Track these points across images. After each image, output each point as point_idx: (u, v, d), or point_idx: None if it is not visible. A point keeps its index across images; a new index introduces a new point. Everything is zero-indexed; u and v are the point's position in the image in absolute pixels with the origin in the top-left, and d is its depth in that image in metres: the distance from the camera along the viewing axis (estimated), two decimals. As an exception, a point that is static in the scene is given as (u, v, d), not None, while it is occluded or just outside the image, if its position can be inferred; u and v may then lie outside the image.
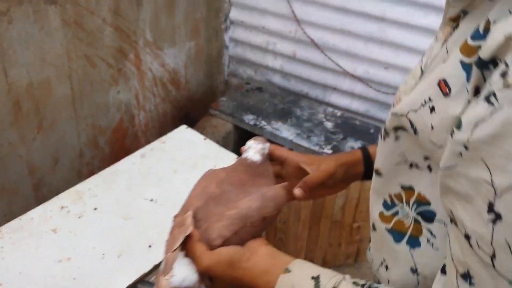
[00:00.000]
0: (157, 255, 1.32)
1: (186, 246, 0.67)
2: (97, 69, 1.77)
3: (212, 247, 0.67)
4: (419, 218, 0.61)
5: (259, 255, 0.67)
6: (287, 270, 0.64)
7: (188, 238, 0.66)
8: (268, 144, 0.79)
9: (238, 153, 1.98)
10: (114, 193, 1.45)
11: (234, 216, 0.68)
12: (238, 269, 0.65)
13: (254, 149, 0.77)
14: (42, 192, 1.74)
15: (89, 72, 1.74)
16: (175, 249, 0.66)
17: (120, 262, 1.26)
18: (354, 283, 0.60)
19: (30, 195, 1.71)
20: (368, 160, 0.85)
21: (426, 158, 0.58)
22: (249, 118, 2.21)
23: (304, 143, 2.18)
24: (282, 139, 2.23)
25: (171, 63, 2.14)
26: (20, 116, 1.55)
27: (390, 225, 0.65)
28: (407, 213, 0.63)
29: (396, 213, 0.64)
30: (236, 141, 2.32)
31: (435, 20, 1.95)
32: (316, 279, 0.61)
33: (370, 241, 0.76)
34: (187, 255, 0.67)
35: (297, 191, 0.82)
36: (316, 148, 2.16)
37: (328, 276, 0.61)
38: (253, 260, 0.66)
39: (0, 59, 1.42)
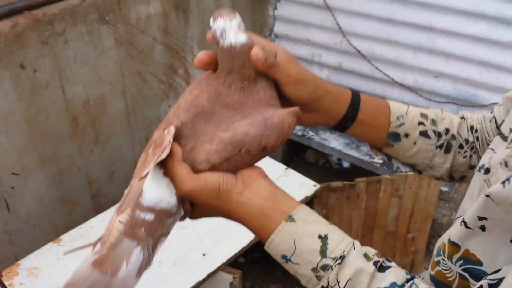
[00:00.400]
0: (211, 264, 1.36)
1: (166, 164, 0.57)
2: (149, 85, 1.86)
3: (196, 171, 0.57)
4: (466, 275, 0.55)
5: (255, 190, 0.58)
6: (290, 219, 0.56)
7: (169, 155, 0.56)
8: (237, 14, 0.60)
9: (287, 163, 2.00)
10: (169, 248, 1.51)
11: (227, 140, 0.58)
12: (227, 201, 0.57)
13: (231, 30, 0.58)
14: (99, 202, 1.84)
15: (141, 87, 1.83)
16: (143, 176, 0.56)
17: (176, 270, 1.31)
18: (365, 255, 0.55)
19: (89, 205, 1.81)
20: (354, 106, 0.70)
21: (481, 218, 0.52)
22: (297, 129, 2.24)
23: (354, 153, 2.17)
24: (330, 149, 2.24)
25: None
26: (78, 130, 1.66)
27: (433, 272, 0.61)
28: (450, 267, 0.58)
29: (439, 262, 0.60)
30: (284, 152, 2.34)
31: (484, 29, 1.90)
32: (323, 239, 0.55)
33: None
34: (166, 174, 0.58)
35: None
36: (366, 158, 2.15)
37: (336, 238, 0.55)
38: (247, 195, 0.58)
39: (58, 77, 1.53)
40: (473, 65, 2.00)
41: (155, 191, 0.57)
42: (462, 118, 0.78)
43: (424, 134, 0.74)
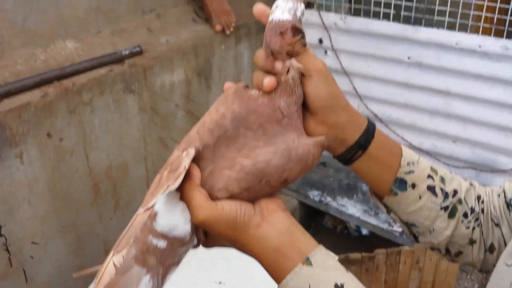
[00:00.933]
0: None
1: (182, 187, 0.55)
2: (169, 150, 1.86)
3: (214, 198, 0.55)
4: None
5: (273, 224, 0.56)
6: (307, 261, 0.54)
7: (187, 179, 0.54)
8: (302, 5, 0.59)
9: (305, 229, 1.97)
10: (184, 275, 1.48)
11: (248, 169, 0.55)
12: (243, 234, 0.55)
13: (280, 8, 0.57)
14: (115, 269, 1.80)
15: (162, 153, 1.83)
16: (149, 208, 0.54)
17: None
18: None
19: (104, 272, 1.76)
20: (368, 134, 0.65)
21: None
22: (314, 194, 2.21)
23: (372, 221, 2.14)
24: (348, 216, 2.21)
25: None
26: (99, 196, 1.64)
27: None
28: None
29: None
30: (302, 217, 2.31)
31: (501, 93, 1.92)
32: None
33: None
34: (182, 198, 0.55)
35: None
36: (385, 226, 2.12)
37: None
38: (265, 229, 0.55)
39: (82, 144, 1.53)
40: (492, 129, 2.00)
41: (170, 216, 0.54)
42: (471, 185, 0.72)
43: (431, 189, 0.68)
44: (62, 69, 1.42)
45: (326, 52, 2.26)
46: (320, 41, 2.25)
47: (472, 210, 0.70)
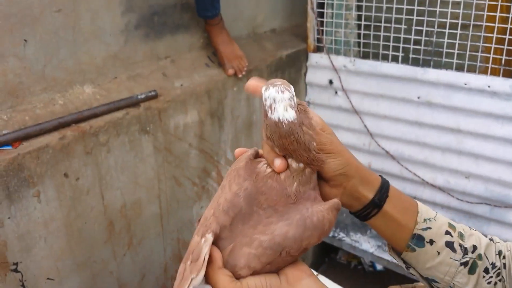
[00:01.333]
0: None
1: (206, 271, 0.56)
2: (182, 188, 1.91)
3: (238, 276, 0.56)
4: None
5: None
6: None
7: (209, 263, 0.56)
8: (292, 88, 0.57)
9: (319, 264, 1.95)
10: None
11: (266, 244, 0.56)
12: None
13: (281, 103, 0.55)
14: (129, 306, 1.82)
15: (176, 191, 1.88)
16: None
17: None
18: None
19: (118, 309, 1.79)
20: (382, 192, 0.68)
21: None
22: (327, 231, 2.22)
23: (386, 257, 2.13)
24: (362, 251, 2.20)
25: (250, 179, 2.26)
26: (113, 234, 1.69)
27: None
28: None
29: None
30: (315, 253, 2.31)
31: (512, 130, 1.93)
32: None
33: None
34: (208, 281, 0.57)
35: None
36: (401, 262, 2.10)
37: None
38: None
39: (98, 184, 1.59)
40: (504, 166, 2.00)
41: None
42: (491, 240, 0.73)
43: (449, 245, 0.69)
44: (80, 112, 1.50)
45: (336, 92, 2.31)
46: (330, 82, 2.31)
47: (493, 265, 0.70)
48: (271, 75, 2.21)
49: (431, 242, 0.68)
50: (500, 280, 0.70)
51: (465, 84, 1.98)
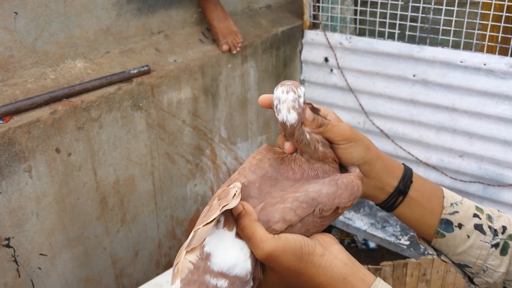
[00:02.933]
0: None
1: (240, 225, 0.54)
2: (176, 165, 1.90)
3: (271, 232, 0.55)
4: None
5: (334, 254, 0.57)
6: None
7: (242, 216, 0.54)
8: (302, 89, 0.60)
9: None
10: None
11: (302, 198, 0.56)
12: (309, 263, 0.55)
13: (285, 104, 0.57)
14: (123, 283, 1.83)
15: (169, 168, 1.87)
16: (208, 222, 0.50)
17: None
18: None
19: (112, 285, 1.80)
20: (406, 179, 0.68)
21: None
22: (321, 209, 2.23)
23: (379, 234, 2.14)
24: (355, 229, 2.21)
25: (243, 156, 2.25)
26: (106, 210, 1.69)
27: None
28: None
29: None
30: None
31: (507, 109, 1.93)
32: None
33: None
34: (239, 236, 0.55)
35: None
36: (392, 239, 2.12)
37: None
38: (328, 259, 0.56)
39: (90, 160, 1.58)
40: (498, 144, 2.00)
41: (227, 254, 0.53)
42: None
43: (479, 228, 0.68)
44: (71, 87, 1.48)
45: (332, 70, 2.30)
46: (326, 59, 2.29)
47: None
48: (266, 51, 2.19)
49: (460, 226, 0.68)
50: None
51: (461, 62, 1.97)
